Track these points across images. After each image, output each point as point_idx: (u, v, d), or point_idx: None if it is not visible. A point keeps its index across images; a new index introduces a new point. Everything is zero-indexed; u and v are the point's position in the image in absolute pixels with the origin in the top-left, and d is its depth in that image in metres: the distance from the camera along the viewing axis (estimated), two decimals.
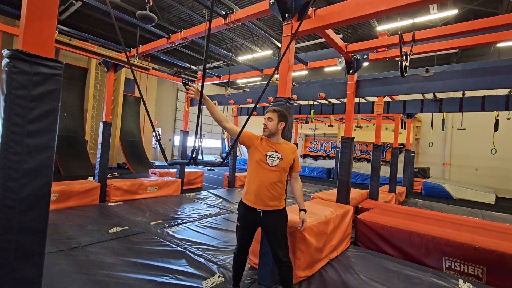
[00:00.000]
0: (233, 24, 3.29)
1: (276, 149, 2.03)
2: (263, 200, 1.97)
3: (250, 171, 2.06)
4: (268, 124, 2.04)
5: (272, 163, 1.99)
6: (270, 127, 2.04)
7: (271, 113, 2.05)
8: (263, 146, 2.03)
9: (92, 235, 3.34)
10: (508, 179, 10.34)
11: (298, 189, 2.16)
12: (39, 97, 1.18)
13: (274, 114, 2.05)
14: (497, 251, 2.94)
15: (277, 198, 2.01)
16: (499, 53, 10.04)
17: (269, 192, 1.98)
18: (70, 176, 7.67)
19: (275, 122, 2.04)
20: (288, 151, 2.06)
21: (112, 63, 5.06)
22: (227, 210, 5.14)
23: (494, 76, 3.21)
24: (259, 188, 1.98)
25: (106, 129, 5.02)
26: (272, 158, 1.99)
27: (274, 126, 2.04)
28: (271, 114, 2.05)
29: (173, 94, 15.99)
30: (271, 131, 2.04)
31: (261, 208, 1.98)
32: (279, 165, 1.99)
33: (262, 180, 1.98)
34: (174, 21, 10.71)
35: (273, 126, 2.04)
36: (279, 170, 1.99)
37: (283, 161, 2.00)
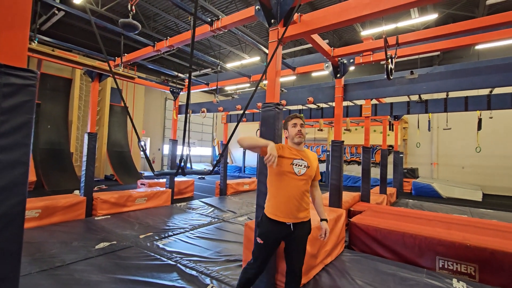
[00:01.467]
0: (219, 31, 3.28)
1: (302, 156, 1.94)
2: (293, 212, 1.87)
3: (276, 184, 1.92)
4: (302, 130, 1.97)
5: (300, 172, 1.89)
6: (304, 134, 1.99)
7: (300, 120, 1.99)
8: (286, 155, 1.92)
9: (78, 252, 3.19)
10: (493, 176, 10.62)
11: (319, 198, 2.09)
12: (10, 109, 1.10)
13: (303, 121, 2.00)
14: (488, 249, 2.97)
15: (306, 209, 1.93)
16: (478, 54, 10.42)
17: (299, 203, 1.88)
18: (55, 190, 7.40)
19: (304, 130, 2.01)
20: (312, 158, 2.00)
21: (96, 73, 4.95)
22: (219, 219, 5.04)
23: (475, 77, 3.30)
24: (289, 200, 1.87)
25: (91, 141, 4.87)
26: (299, 167, 1.90)
27: (305, 133, 2.01)
28: (302, 121, 1.99)
29: (161, 102, 15.82)
30: (304, 138, 1.99)
31: (290, 221, 1.86)
32: (306, 173, 1.90)
33: (290, 191, 1.87)
34: (160, 30, 10.66)
35: (304, 133, 2.01)
36: (307, 179, 1.91)
37: (310, 169, 1.93)
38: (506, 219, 5.86)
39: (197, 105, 6.92)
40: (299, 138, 1.95)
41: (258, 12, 2.69)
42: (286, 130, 2.04)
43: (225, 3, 8.68)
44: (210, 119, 18.91)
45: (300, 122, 1.97)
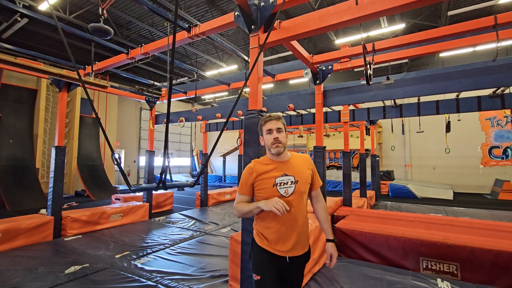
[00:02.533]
0: (197, 38, 3.19)
1: (285, 171, 1.51)
2: (287, 243, 1.48)
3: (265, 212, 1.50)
4: (280, 137, 1.52)
5: (287, 192, 1.48)
6: (284, 140, 1.53)
7: (277, 122, 1.54)
8: (265, 174, 1.51)
9: (44, 279, 2.87)
10: (462, 175, 11.27)
11: (322, 211, 1.63)
12: None
13: (281, 122, 1.56)
14: (468, 247, 3.05)
15: (305, 236, 1.55)
16: (443, 61, 11.15)
17: (294, 230, 1.49)
18: (18, 210, 6.77)
19: (284, 133, 1.56)
20: (301, 167, 1.56)
21: (65, 82, 4.64)
22: (201, 232, 4.83)
23: (448, 81, 3.46)
24: (280, 229, 1.49)
25: (60, 155, 4.51)
26: (285, 186, 1.48)
27: (285, 138, 1.55)
28: (279, 123, 1.55)
29: (136, 112, 15.27)
30: (285, 145, 1.54)
31: (286, 254, 1.48)
32: (296, 190, 1.49)
33: (283, 218, 1.47)
34: (134, 38, 10.35)
35: (284, 138, 1.55)
36: (298, 197, 1.50)
37: (300, 184, 1.50)
38: (477, 215, 6.18)
39: (175, 114, 6.71)
40: (277, 148, 1.51)
41: (238, 18, 2.64)
42: (261, 137, 1.61)
43: (201, 12, 8.63)
44: (188, 129, 18.53)
45: (276, 127, 1.52)
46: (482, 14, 7.93)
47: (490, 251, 2.95)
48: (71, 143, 10.02)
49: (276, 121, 1.55)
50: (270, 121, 1.56)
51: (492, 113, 10.81)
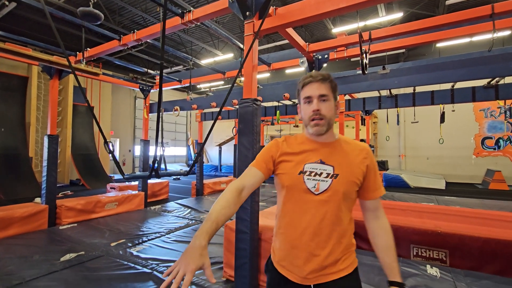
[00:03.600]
0: (191, 24, 3.11)
1: (323, 157, 1.03)
2: (314, 262, 1.00)
3: (282, 208, 1.08)
4: (323, 109, 1.01)
5: (318, 187, 1.00)
6: (328, 114, 1.02)
7: (321, 86, 1.01)
8: (292, 156, 1.07)
9: (39, 267, 2.88)
10: (455, 166, 11.45)
11: (383, 235, 1.06)
12: None
13: (326, 85, 1.02)
14: (457, 234, 3.13)
15: (341, 256, 1.02)
16: (439, 52, 11.12)
17: (323, 246, 1.00)
18: (12, 199, 6.73)
19: (332, 103, 1.03)
20: (351, 157, 1.04)
21: (56, 69, 4.53)
22: (196, 221, 4.87)
23: (443, 71, 3.46)
24: (301, 241, 1.01)
25: (52, 144, 4.45)
26: (316, 178, 1.01)
27: (332, 110, 1.03)
28: (323, 87, 1.01)
29: (130, 101, 15.06)
30: (330, 123, 1.03)
31: (309, 282, 1.01)
32: (332, 188, 1.00)
33: (305, 224, 1.01)
34: (127, 24, 10.09)
35: (332, 110, 1.03)
36: (335, 199, 1.00)
37: (340, 180, 1.00)
38: (468, 204, 6.31)
39: (170, 103, 6.63)
40: (316, 127, 1.01)
41: (232, 4, 2.58)
42: (299, 105, 1.10)
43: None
44: (184, 118, 18.39)
45: (318, 93, 1.00)
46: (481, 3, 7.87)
47: (479, 238, 3.03)
48: (64, 132, 9.88)
49: (319, 83, 1.01)
50: (310, 84, 1.02)
51: (486, 104, 10.89)
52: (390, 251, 1.05)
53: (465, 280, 2.69)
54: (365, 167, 1.05)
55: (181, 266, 0.75)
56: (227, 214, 0.93)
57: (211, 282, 0.74)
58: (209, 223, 0.87)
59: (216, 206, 0.93)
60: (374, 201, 1.08)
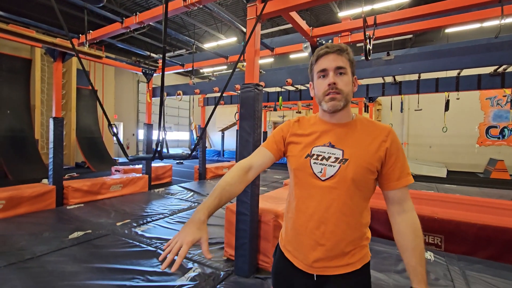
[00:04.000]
0: (193, 7, 3.07)
1: (333, 139, 0.95)
2: (319, 250, 0.93)
3: (292, 192, 1.04)
4: (340, 83, 0.91)
5: (325, 172, 0.93)
6: (347, 89, 0.93)
7: (337, 57, 0.92)
8: (301, 138, 1.01)
9: (49, 243, 3.02)
10: (457, 154, 11.43)
11: (409, 233, 0.92)
12: None
13: (342, 57, 0.92)
14: (454, 220, 3.20)
15: (352, 249, 0.94)
16: (448, 38, 10.83)
17: (325, 235, 0.93)
18: (20, 180, 6.91)
19: (350, 77, 0.94)
20: (367, 139, 0.94)
21: (59, 52, 4.53)
22: (199, 203, 4.97)
23: (448, 58, 3.41)
24: (307, 228, 0.95)
25: (58, 126, 4.53)
26: (324, 162, 0.94)
27: (349, 84, 0.94)
28: (340, 59, 0.92)
29: (133, 85, 15.04)
30: (347, 98, 0.93)
31: (314, 271, 0.95)
32: (339, 174, 0.91)
33: (311, 210, 0.95)
34: (129, 6, 9.92)
35: (348, 84, 0.93)
36: (344, 186, 0.91)
37: (349, 165, 0.91)
38: (467, 192, 6.37)
39: (172, 87, 6.63)
40: (331, 102, 0.92)
41: None
42: (312, 83, 1.02)
43: None
44: (187, 103, 18.37)
45: (335, 65, 0.91)
46: None
47: (474, 224, 3.10)
48: (68, 115, 9.97)
49: (335, 54, 0.92)
50: (326, 56, 0.93)
51: (493, 92, 10.70)
52: (417, 253, 0.89)
53: (458, 264, 2.78)
54: (384, 151, 0.92)
55: (179, 238, 0.76)
56: (231, 191, 0.93)
57: (206, 257, 0.74)
58: (212, 198, 0.88)
59: (221, 183, 0.92)
60: (398, 192, 0.93)
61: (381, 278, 2.46)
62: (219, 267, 2.61)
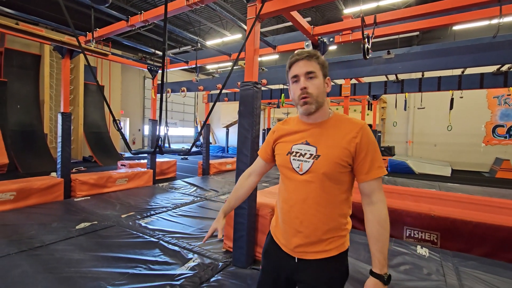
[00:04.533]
0: (196, 6, 3.15)
1: (309, 137, 1.05)
2: (295, 238, 1.05)
3: (279, 186, 1.17)
4: (310, 87, 0.99)
5: (301, 168, 1.03)
6: (316, 92, 1.00)
7: (307, 63, 1.00)
8: (285, 137, 1.13)
9: (57, 233, 3.17)
10: (461, 153, 11.33)
11: (375, 223, 0.99)
12: None
13: (312, 62, 1.01)
14: (450, 218, 3.24)
15: (319, 236, 1.03)
16: (455, 35, 10.69)
17: (304, 223, 1.03)
18: (30, 173, 7.14)
19: (320, 80, 1.01)
20: (338, 135, 1.01)
21: (67, 49, 4.66)
22: (201, 198, 5.12)
23: (448, 57, 3.42)
24: (289, 217, 1.07)
25: (66, 121, 4.68)
26: (300, 158, 1.04)
27: (319, 89, 1.01)
28: (309, 64, 1.00)
29: (140, 81, 15.22)
30: (318, 100, 1.01)
31: (295, 254, 1.07)
32: (313, 169, 1.00)
33: (294, 200, 1.05)
34: (136, 3, 10.03)
35: (318, 89, 1.01)
36: (317, 180, 1.00)
37: (321, 161, 1.00)
38: (470, 191, 6.34)
39: (177, 84, 6.74)
40: (305, 106, 1.01)
41: None
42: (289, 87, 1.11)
43: None
44: (192, 99, 18.51)
45: (305, 70, 1.00)
46: None
47: (470, 222, 3.14)
48: (76, 110, 10.19)
49: (305, 60, 1.00)
50: (296, 63, 1.02)
51: (501, 91, 10.55)
52: (379, 242, 0.97)
53: (452, 260, 2.84)
54: (354, 147, 0.98)
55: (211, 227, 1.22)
56: (237, 195, 1.26)
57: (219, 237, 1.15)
58: (226, 203, 1.27)
59: (233, 190, 1.29)
60: (367, 184, 1.00)
61: None
62: (218, 258, 2.72)
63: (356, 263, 2.69)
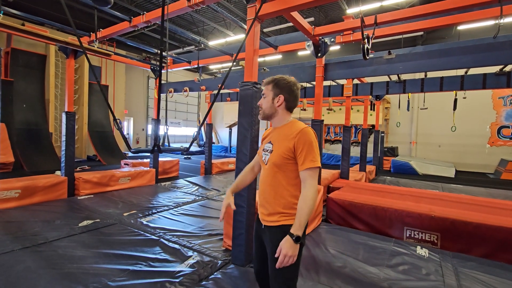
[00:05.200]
0: (197, 6, 3.18)
1: (271, 138, 1.46)
2: (262, 209, 1.47)
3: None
4: (262, 103, 1.47)
5: (266, 160, 1.44)
6: (264, 106, 1.45)
7: (264, 86, 1.48)
8: (264, 140, 1.55)
9: (61, 230, 3.23)
10: (466, 154, 11.23)
11: (301, 200, 1.29)
12: None
13: (267, 87, 1.45)
14: (450, 219, 3.24)
15: (274, 210, 1.39)
16: (459, 35, 10.60)
17: (265, 200, 1.44)
18: (35, 171, 7.25)
19: (269, 97, 1.43)
20: (282, 137, 1.39)
21: (71, 49, 4.73)
22: (203, 197, 5.16)
23: (449, 57, 3.41)
24: (260, 195, 1.49)
25: (70, 120, 4.75)
26: (265, 153, 1.45)
27: (268, 104, 1.44)
28: (264, 87, 1.47)
29: (143, 81, 15.33)
30: (265, 112, 1.45)
31: (262, 221, 1.46)
32: (269, 160, 1.41)
33: (261, 183, 1.50)
34: (140, 3, 10.12)
35: (267, 104, 1.44)
36: (272, 168, 1.39)
37: (273, 154, 1.39)
38: (473, 193, 6.30)
39: (180, 83, 6.79)
40: (258, 116, 1.53)
41: None
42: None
43: None
44: (195, 99, 18.59)
45: (262, 92, 1.48)
46: None
47: (470, 223, 3.13)
48: (81, 109, 10.30)
49: (264, 86, 1.47)
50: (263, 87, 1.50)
51: (507, 91, 10.44)
52: (299, 212, 1.28)
53: (451, 261, 2.83)
54: (293, 145, 1.33)
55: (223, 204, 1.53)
56: (243, 179, 1.66)
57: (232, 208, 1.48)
58: (234, 184, 1.65)
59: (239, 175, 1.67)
60: (302, 172, 1.32)
61: (372, 272, 2.55)
62: (217, 256, 2.75)
63: (355, 263, 2.70)
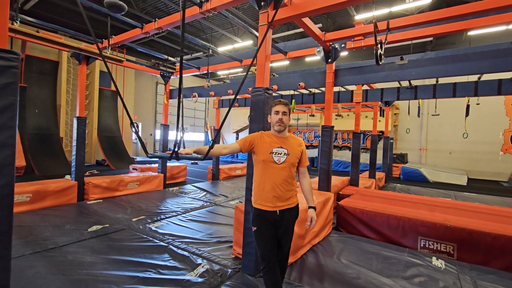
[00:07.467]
0: (209, 13, 3.21)
1: (281, 144, 1.92)
2: (278, 200, 1.88)
3: (258, 173, 1.95)
4: (284, 119, 1.92)
5: (280, 160, 1.88)
6: (286, 122, 1.94)
7: (284, 107, 1.92)
8: (266, 143, 1.93)
9: (70, 235, 3.23)
10: (478, 161, 10.96)
11: (307, 185, 2.03)
12: None
13: (287, 108, 1.94)
14: (467, 229, 3.12)
15: (291, 196, 1.93)
16: (470, 41, 10.46)
17: (282, 191, 1.89)
18: (46, 175, 7.34)
19: (288, 116, 1.95)
20: (294, 145, 1.96)
21: (84, 56, 4.82)
22: (211, 203, 5.12)
23: (464, 63, 3.34)
24: (272, 189, 1.88)
25: (81, 125, 4.81)
26: (279, 155, 1.90)
27: (287, 120, 1.96)
28: (286, 108, 1.93)
29: (152, 87, 15.53)
30: (286, 126, 1.95)
31: (276, 209, 1.88)
32: (287, 160, 1.89)
33: (273, 180, 1.88)
34: (150, 11, 10.31)
35: (287, 120, 1.95)
36: (288, 166, 1.90)
37: (290, 156, 1.90)
38: (487, 201, 6.11)
39: (189, 89, 6.84)
40: (279, 127, 1.91)
41: None
42: (270, 115, 2.01)
43: None
44: (203, 104, 18.71)
45: (282, 110, 1.91)
46: None
47: (489, 234, 3.01)
48: (91, 114, 10.46)
49: (284, 105, 1.93)
50: (279, 105, 1.94)
51: None
52: (309, 194, 2.01)
53: (469, 274, 2.72)
54: (300, 151, 1.98)
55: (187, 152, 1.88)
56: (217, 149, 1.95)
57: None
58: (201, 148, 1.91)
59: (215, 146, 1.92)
60: (304, 168, 2.06)
61: (387, 284, 2.46)
62: (227, 264, 2.70)
63: (369, 273, 2.62)
